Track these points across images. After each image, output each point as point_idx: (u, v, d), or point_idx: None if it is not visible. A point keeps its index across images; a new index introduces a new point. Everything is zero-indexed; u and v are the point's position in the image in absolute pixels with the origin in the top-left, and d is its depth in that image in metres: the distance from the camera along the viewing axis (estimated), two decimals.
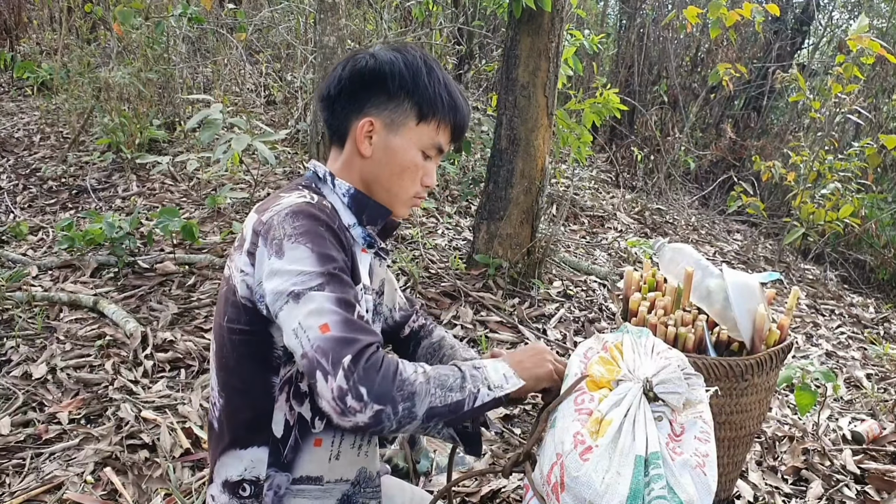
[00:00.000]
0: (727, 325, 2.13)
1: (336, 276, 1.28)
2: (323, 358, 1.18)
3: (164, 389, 2.98)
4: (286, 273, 1.26)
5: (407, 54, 1.47)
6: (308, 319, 1.21)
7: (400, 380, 1.21)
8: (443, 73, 1.50)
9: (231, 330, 1.40)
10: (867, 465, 2.89)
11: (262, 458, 1.43)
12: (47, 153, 5.79)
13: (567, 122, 4.79)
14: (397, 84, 1.44)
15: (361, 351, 1.19)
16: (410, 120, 1.46)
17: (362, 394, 1.16)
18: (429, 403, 1.24)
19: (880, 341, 4.48)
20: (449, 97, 1.48)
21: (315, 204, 1.37)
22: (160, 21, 5.72)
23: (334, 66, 1.54)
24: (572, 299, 4.26)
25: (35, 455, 2.54)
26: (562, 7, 3.87)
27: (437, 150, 1.51)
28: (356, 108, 1.48)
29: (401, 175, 1.49)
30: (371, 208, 1.51)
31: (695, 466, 1.29)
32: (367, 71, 1.46)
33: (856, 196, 5.68)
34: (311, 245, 1.29)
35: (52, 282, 3.85)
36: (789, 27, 9.01)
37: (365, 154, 1.48)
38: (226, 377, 1.44)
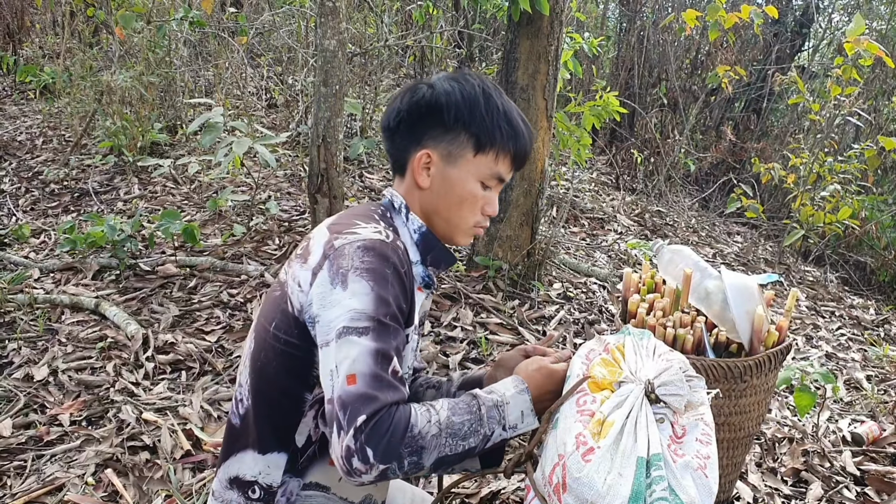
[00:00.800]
0: (726, 326, 2.14)
1: (385, 325, 1.29)
2: (341, 411, 1.20)
3: (165, 391, 2.99)
4: (342, 307, 1.27)
5: (465, 84, 1.47)
6: (342, 365, 1.24)
7: (409, 436, 1.22)
8: (503, 101, 1.49)
9: (276, 337, 1.40)
10: (867, 467, 2.89)
11: (280, 464, 1.43)
12: (49, 156, 5.80)
13: (567, 125, 4.80)
14: (453, 116, 1.45)
15: (377, 411, 1.20)
16: (468, 151, 1.46)
17: (368, 456, 1.18)
18: (437, 454, 1.26)
19: (880, 343, 4.49)
20: (508, 126, 1.47)
21: (389, 243, 1.36)
22: (162, 25, 5.73)
23: (395, 96, 1.54)
24: (572, 301, 4.27)
25: (36, 457, 2.55)
26: (561, 10, 3.88)
27: (496, 180, 1.51)
28: (414, 139, 1.48)
29: (459, 206, 1.49)
30: (437, 252, 1.52)
31: (696, 468, 1.29)
32: (424, 103, 1.46)
33: (856, 198, 5.68)
34: (373, 283, 1.29)
35: (53, 284, 3.86)
36: (789, 29, 9.01)
37: (423, 185, 1.49)
38: (259, 382, 1.44)
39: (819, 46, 9.75)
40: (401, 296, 1.34)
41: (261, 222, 4.66)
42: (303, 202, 5.05)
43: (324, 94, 3.81)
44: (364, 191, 5.54)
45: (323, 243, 1.37)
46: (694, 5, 8.80)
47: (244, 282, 3.92)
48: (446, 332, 3.65)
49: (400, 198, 1.52)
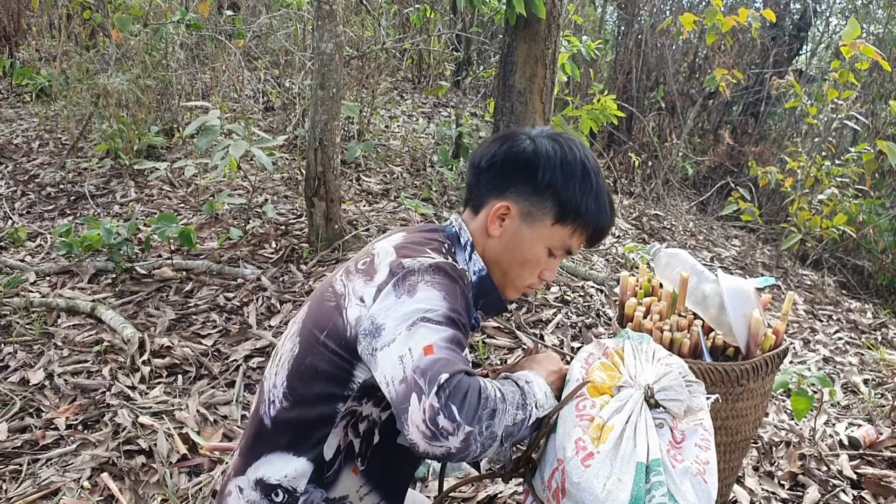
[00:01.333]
0: (722, 329, 2.14)
1: (457, 322, 1.28)
2: (421, 378, 1.19)
3: (161, 395, 2.98)
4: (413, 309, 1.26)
5: (568, 152, 1.45)
6: (417, 344, 1.22)
7: (484, 397, 1.22)
8: (598, 179, 1.47)
9: (325, 345, 1.39)
10: (864, 471, 2.89)
11: (306, 472, 1.42)
12: (46, 159, 5.79)
13: (564, 128, 4.80)
14: (547, 180, 1.43)
15: (457, 372, 1.20)
16: (548, 218, 1.45)
17: (454, 413, 1.17)
18: (504, 423, 1.25)
19: (878, 347, 4.48)
20: (595, 207, 1.46)
21: (459, 269, 1.37)
22: (159, 28, 5.73)
23: (494, 138, 1.53)
24: (570, 305, 4.26)
25: (32, 461, 2.54)
26: (558, 14, 3.88)
27: (564, 252, 1.50)
28: (499, 187, 1.47)
29: (521, 266, 1.49)
30: (492, 299, 1.52)
31: (695, 474, 1.29)
32: (523, 157, 1.45)
33: (853, 202, 5.69)
34: (444, 293, 1.29)
35: (49, 287, 3.85)
36: (787, 33, 9.03)
37: (493, 235, 1.48)
38: (297, 385, 1.43)
39: (817, 50, 9.76)
40: (464, 314, 1.34)
41: (257, 226, 4.65)
42: (300, 205, 5.04)
43: (321, 97, 3.81)
44: (361, 194, 5.54)
45: (390, 262, 1.37)
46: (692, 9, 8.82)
47: (241, 285, 3.92)
48: None
49: (467, 234, 1.51)
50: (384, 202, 5.45)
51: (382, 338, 1.27)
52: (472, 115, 7.07)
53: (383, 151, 6.36)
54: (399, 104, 8.04)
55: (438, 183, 5.92)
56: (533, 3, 3.58)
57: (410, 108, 8.02)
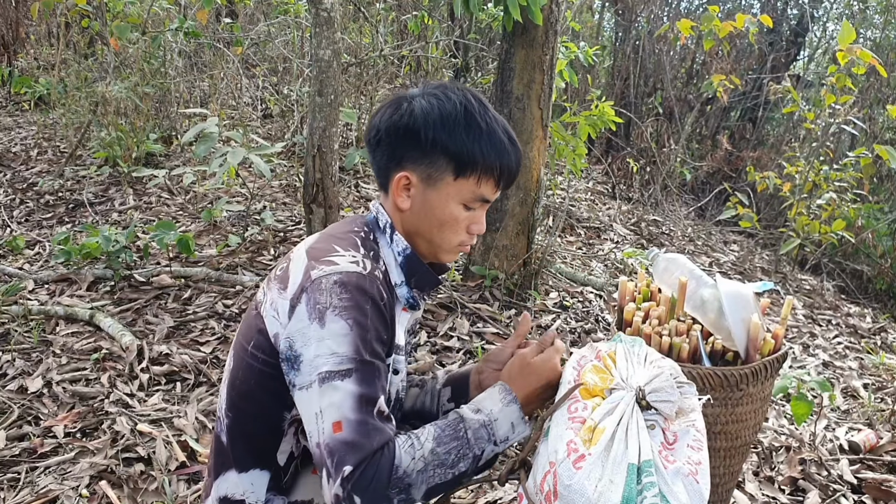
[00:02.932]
0: (721, 334, 2.13)
1: (368, 363, 1.27)
2: (329, 459, 1.21)
3: (159, 402, 2.97)
4: (322, 347, 1.25)
5: (446, 102, 1.39)
6: (327, 412, 1.23)
7: (395, 478, 1.22)
8: (487, 119, 1.40)
9: (254, 357, 1.37)
10: (864, 475, 2.88)
11: (263, 481, 1.42)
12: (44, 167, 5.80)
13: (562, 135, 4.81)
14: (431, 139, 1.37)
15: (363, 460, 1.20)
16: (448, 175, 1.39)
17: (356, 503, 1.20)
18: (427, 486, 1.26)
19: (877, 351, 4.48)
20: (491, 148, 1.39)
21: (367, 275, 1.32)
22: (157, 35, 5.74)
23: (377, 109, 1.47)
24: (569, 310, 4.26)
25: (30, 469, 2.53)
26: (555, 20, 3.89)
27: (480, 202, 1.44)
28: (394, 159, 1.42)
29: (441, 228, 1.43)
30: (422, 275, 1.48)
31: (687, 474, 1.29)
32: (402, 124, 1.39)
33: (852, 206, 5.69)
34: (351, 322, 1.26)
35: (48, 295, 3.85)
36: (784, 38, 9.05)
37: (402, 207, 1.43)
38: (237, 399, 1.42)
39: (814, 55, 9.79)
40: (381, 328, 1.31)
41: (256, 233, 4.65)
42: (298, 212, 5.04)
43: (319, 103, 3.81)
44: (360, 200, 5.54)
45: (302, 271, 1.33)
46: (689, 15, 8.84)
47: (239, 292, 3.91)
48: (442, 342, 3.64)
49: (386, 216, 1.47)
50: None
51: (300, 376, 1.27)
52: None
53: None
54: None
55: None
56: (530, 10, 3.58)
57: None
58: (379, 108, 1.48)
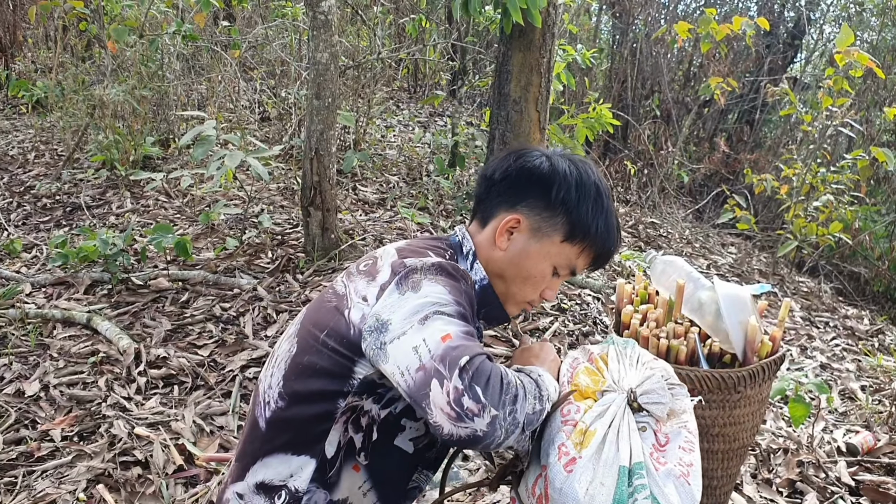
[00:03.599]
0: (719, 336, 2.13)
1: (466, 317, 1.29)
2: (440, 363, 1.18)
3: (157, 406, 2.97)
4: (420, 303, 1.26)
5: (584, 174, 1.47)
6: (433, 334, 1.22)
7: (506, 383, 1.21)
8: (609, 203, 1.49)
9: (325, 344, 1.39)
10: (862, 477, 2.88)
11: (309, 469, 1.41)
12: (42, 171, 5.79)
13: (560, 137, 4.81)
14: (561, 197, 1.45)
15: (477, 356, 1.20)
16: (557, 235, 1.46)
17: (478, 395, 1.16)
18: (526, 410, 1.24)
19: (875, 353, 4.49)
20: (605, 229, 1.48)
21: (461, 269, 1.37)
22: (154, 39, 5.74)
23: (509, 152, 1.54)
24: (566, 313, 4.26)
25: (27, 472, 2.53)
26: (553, 23, 3.90)
27: (569, 271, 1.51)
28: (511, 200, 1.48)
29: (524, 281, 1.49)
30: (494, 309, 1.52)
31: (679, 476, 1.29)
32: (538, 172, 1.46)
33: (849, 208, 5.70)
34: (448, 288, 1.30)
35: (45, 299, 3.84)
36: (781, 41, 9.07)
37: (500, 247, 1.48)
38: (294, 383, 1.43)
39: (811, 58, 9.81)
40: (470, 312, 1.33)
41: (253, 235, 4.65)
42: (296, 215, 5.04)
43: (316, 106, 3.81)
44: (357, 203, 5.54)
45: (391, 262, 1.37)
46: (686, 18, 8.86)
47: (237, 295, 3.91)
48: None
49: (470, 243, 1.52)
50: (380, 211, 5.45)
51: (391, 332, 1.26)
52: (468, 125, 7.09)
53: (379, 161, 6.37)
54: (395, 114, 8.05)
55: (435, 192, 5.92)
56: (529, 13, 3.59)
57: (406, 117, 8.04)
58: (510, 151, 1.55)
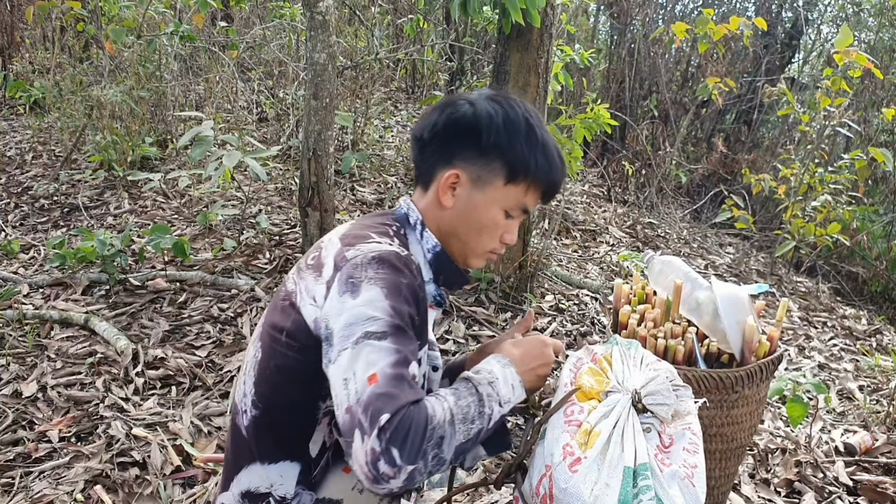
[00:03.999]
0: (717, 336, 2.14)
1: (401, 328, 1.25)
2: (363, 413, 1.15)
3: (154, 407, 2.97)
4: (355, 315, 1.23)
5: (510, 110, 1.42)
6: (360, 368, 1.19)
7: (430, 429, 1.18)
8: (543, 132, 1.44)
9: (289, 346, 1.35)
10: (860, 477, 2.89)
11: (293, 473, 1.40)
12: (39, 171, 5.78)
13: (558, 137, 4.81)
14: (492, 141, 1.40)
15: (400, 409, 1.16)
16: (498, 179, 1.42)
17: (394, 458, 1.14)
18: (455, 442, 1.22)
19: (872, 353, 4.49)
20: (545, 161, 1.43)
21: (403, 257, 1.32)
22: (152, 39, 5.73)
23: (433, 107, 1.49)
24: (564, 313, 4.26)
25: (24, 473, 2.53)
26: (551, 23, 3.90)
27: (521, 211, 1.47)
28: (445, 156, 1.44)
29: (479, 232, 1.46)
30: (450, 273, 1.50)
31: (683, 478, 1.29)
32: (465, 122, 1.42)
33: (847, 208, 5.71)
34: (385, 291, 1.25)
35: (43, 300, 3.84)
36: (779, 41, 9.08)
37: (446, 205, 1.44)
38: (268, 391, 1.40)
39: (808, 58, 9.81)
40: (413, 309, 1.30)
41: (251, 236, 4.64)
42: (294, 216, 5.04)
43: (314, 107, 3.81)
44: (355, 204, 5.54)
45: (334, 255, 1.34)
46: (684, 18, 8.86)
47: (234, 296, 3.91)
48: (438, 345, 3.64)
49: (416, 213, 1.49)
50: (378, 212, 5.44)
51: (333, 349, 1.24)
52: None
53: (377, 161, 6.36)
54: (393, 114, 8.05)
55: None
56: (528, 13, 3.59)
57: (404, 118, 8.03)
58: (434, 107, 1.49)
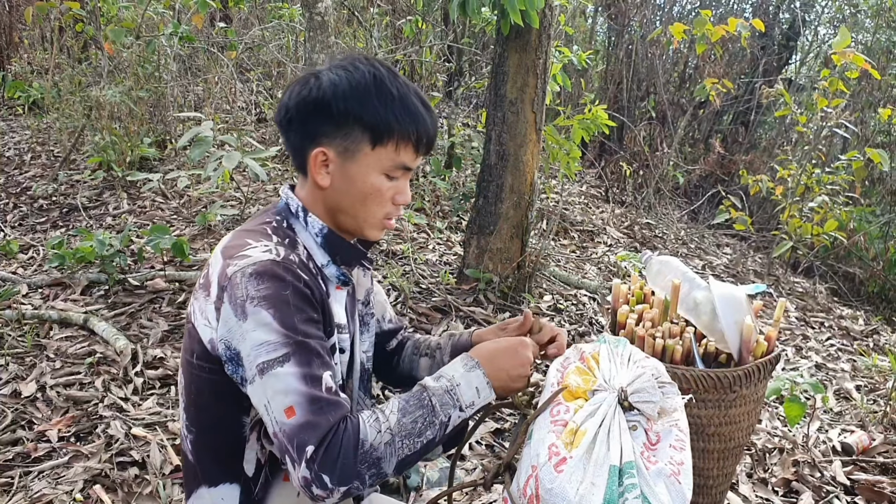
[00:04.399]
0: (714, 336, 2.14)
1: (301, 344, 1.24)
2: (289, 445, 1.19)
3: (154, 406, 2.97)
4: (252, 341, 1.23)
5: (354, 72, 1.36)
6: (275, 399, 1.21)
7: (362, 452, 1.21)
8: (398, 85, 1.38)
9: (200, 367, 1.35)
10: (857, 476, 2.90)
11: (234, 495, 1.40)
12: (38, 172, 5.79)
13: (556, 138, 4.82)
14: (342, 110, 1.34)
15: (324, 437, 1.19)
16: (365, 146, 1.36)
17: (326, 482, 1.18)
18: (397, 459, 1.24)
19: (870, 353, 4.50)
20: (405, 114, 1.36)
21: (281, 261, 1.29)
22: (151, 40, 5.74)
23: (285, 89, 1.44)
24: (563, 313, 4.27)
25: (23, 473, 2.53)
26: (549, 24, 3.90)
27: (402, 170, 1.41)
28: (308, 137, 1.39)
29: (364, 202, 1.41)
30: (344, 250, 1.45)
31: (669, 475, 1.29)
32: (312, 99, 1.36)
33: (844, 209, 5.72)
34: (272, 311, 1.24)
35: (42, 300, 3.84)
36: (776, 43, 9.09)
37: (323, 185, 1.40)
38: (196, 413, 1.40)
39: (806, 59, 9.83)
40: (307, 308, 1.29)
41: None
42: None
43: None
44: None
45: (218, 273, 1.31)
46: (681, 19, 8.87)
47: None
48: None
49: (295, 201, 1.44)
50: None
51: (244, 369, 1.26)
52: (464, 126, 7.10)
53: None
54: None
55: (431, 193, 5.93)
56: (527, 14, 3.60)
57: None
58: (287, 87, 1.44)
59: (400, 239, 5.05)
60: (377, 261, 4.60)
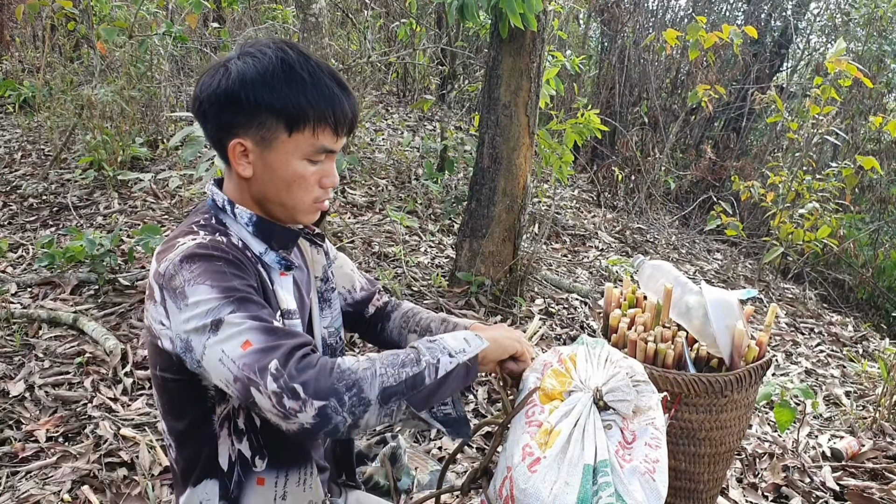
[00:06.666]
0: (706, 341, 2.15)
1: (245, 299, 1.23)
2: (250, 372, 1.15)
3: (143, 407, 2.96)
4: (196, 314, 1.21)
5: (262, 58, 1.33)
6: (229, 344, 1.18)
7: (339, 371, 1.16)
8: (310, 68, 1.34)
9: (164, 379, 1.35)
10: (846, 482, 2.91)
11: (215, 490, 1.40)
12: (28, 171, 5.75)
13: (549, 142, 4.83)
14: (253, 99, 1.31)
15: (288, 352, 1.16)
16: (281, 133, 1.33)
17: (298, 392, 1.12)
18: (381, 384, 1.17)
19: (859, 359, 4.52)
20: (318, 97, 1.33)
21: (206, 244, 1.29)
22: (144, 39, 5.72)
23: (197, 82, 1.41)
24: (554, 317, 4.27)
25: (11, 473, 2.51)
26: (543, 28, 3.91)
27: (324, 153, 1.38)
28: (224, 129, 1.36)
29: (289, 189, 1.38)
30: (278, 234, 1.44)
31: (644, 472, 1.29)
32: (221, 91, 1.33)
33: (834, 216, 5.75)
34: (209, 282, 1.23)
35: (31, 299, 3.82)
36: (768, 50, 9.14)
37: (246, 176, 1.38)
38: (171, 423, 1.41)
39: (797, 67, 9.88)
40: (249, 278, 1.29)
41: None
42: None
43: None
44: (346, 206, 5.53)
45: (154, 277, 1.30)
46: (674, 25, 8.90)
47: None
48: None
49: (221, 195, 1.43)
50: (369, 215, 5.45)
51: (195, 350, 1.23)
52: (457, 129, 7.10)
53: (368, 164, 6.37)
54: (384, 118, 8.05)
55: (423, 196, 5.93)
56: (525, 16, 3.60)
57: (396, 121, 8.04)
58: (199, 77, 1.40)
59: (392, 241, 5.04)
60: (369, 262, 4.60)
